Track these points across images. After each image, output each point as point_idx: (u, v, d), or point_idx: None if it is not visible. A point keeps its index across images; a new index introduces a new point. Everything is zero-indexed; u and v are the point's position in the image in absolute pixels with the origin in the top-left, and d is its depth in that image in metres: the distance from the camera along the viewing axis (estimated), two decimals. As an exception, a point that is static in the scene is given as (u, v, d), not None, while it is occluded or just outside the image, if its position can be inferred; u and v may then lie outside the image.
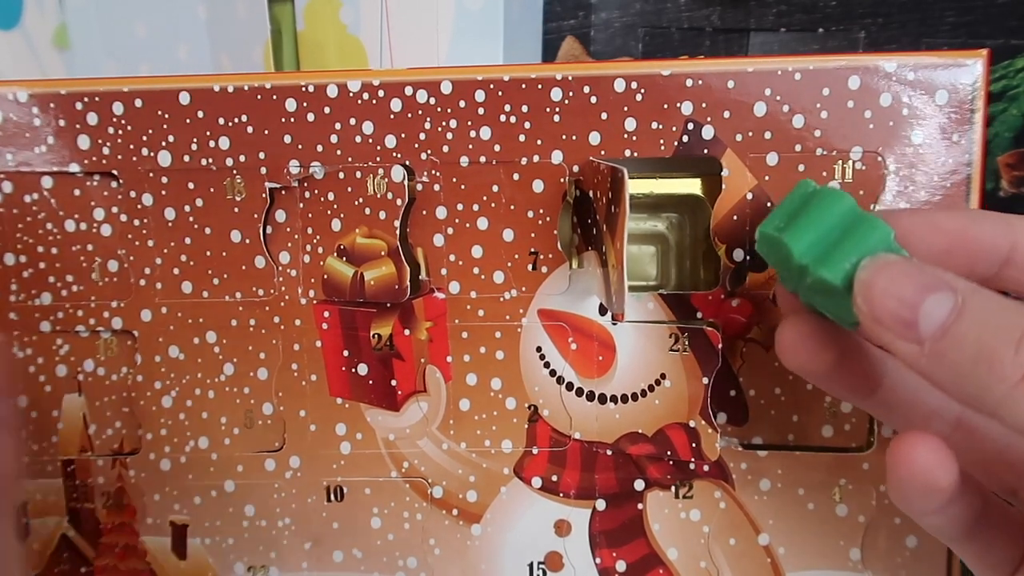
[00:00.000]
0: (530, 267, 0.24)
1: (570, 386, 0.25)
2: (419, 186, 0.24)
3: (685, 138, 0.23)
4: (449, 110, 0.23)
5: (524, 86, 0.23)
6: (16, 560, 0.24)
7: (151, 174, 0.24)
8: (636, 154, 0.23)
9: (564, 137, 0.23)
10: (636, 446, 0.25)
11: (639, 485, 0.25)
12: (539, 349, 0.25)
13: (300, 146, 0.24)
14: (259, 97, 0.24)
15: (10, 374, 0.25)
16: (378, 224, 0.24)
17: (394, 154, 0.24)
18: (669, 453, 0.25)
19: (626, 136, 0.23)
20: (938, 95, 0.23)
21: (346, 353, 0.25)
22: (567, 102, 0.23)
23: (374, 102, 0.24)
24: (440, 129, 0.24)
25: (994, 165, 0.33)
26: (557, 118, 0.23)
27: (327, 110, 0.24)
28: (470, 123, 0.24)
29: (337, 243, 0.24)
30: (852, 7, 0.33)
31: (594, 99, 0.23)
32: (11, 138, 0.24)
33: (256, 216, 0.24)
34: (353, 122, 0.24)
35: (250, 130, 0.24)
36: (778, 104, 0.23)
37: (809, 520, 0.25)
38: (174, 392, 0.25)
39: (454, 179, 0.24)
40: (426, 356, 0.25)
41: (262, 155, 0.24)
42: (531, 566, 0.25)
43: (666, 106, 0.23)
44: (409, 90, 0.23)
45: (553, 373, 0.25)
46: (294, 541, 0.26)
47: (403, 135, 0.24)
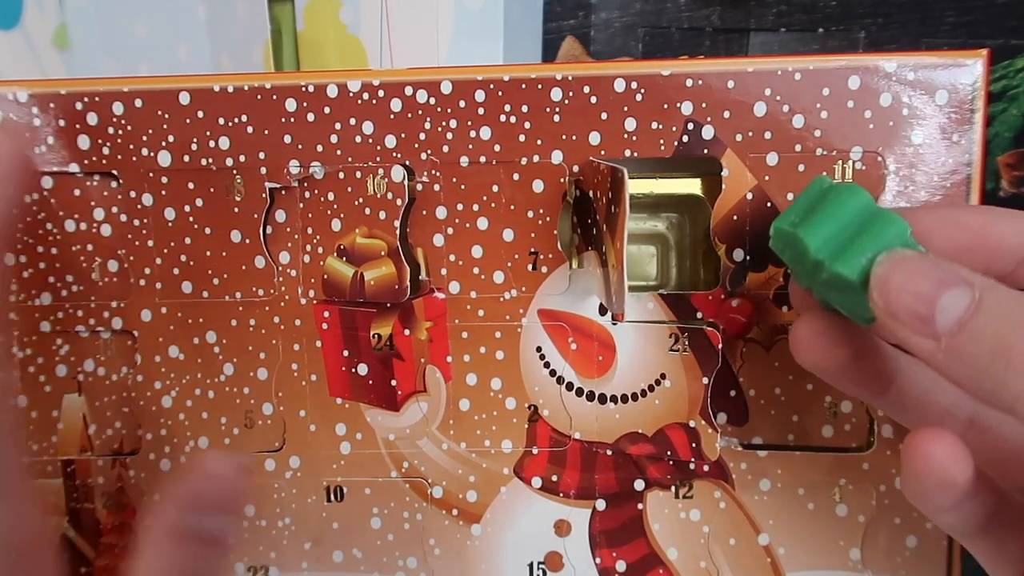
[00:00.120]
0: (530, 267, 0.24)
1: (570, 386, 0.25)
2: (419, 186, 0.24)
3: (685, 138, 0.23)
4: (449, 110, 0.23)
5: (524, 86, 0.23)
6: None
7: (151, 174, 0.24)
8: (636, 154, 0.23)
9: (564, 137, 0.23)
10: (636, 446, 0.25)
11: (639, 485, 0.25)
12: (539, 349, 0.25)
13: (300, 146, 0.24)
14: (259, 97, 0.24)
15: None
16: (378, 224, 0.24)
17: (394, 154, 0.24)
18: (669, 453, 0.25)
19: (626, 136, 0.23)
20: (938, 95, 0.23)
21: (346, 353, 0.25)
22: (567, 102, 0.23)
23: (374, 102, 0.24)
24: (440, 129, 0.24)
25: (994, 165, 0.33)
26: (557, 118, 0.23)
27: (327, 110, 0.24)
28: (470, 123, 0.24)
29: (337, 243, 0.24)
30: (852, 7, 0.33)
31: (594, 99, 0.23)
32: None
33: (256, 216, 0.24)
34: (353, 122, 0.24)
35: (250, 130, 0.24)
36: (778, 104, 0.23)
37: (809, 520, 0.25)
38: (174, 392, 0.25)
39: (454, 179, 0.24)
40: (426, 356, 0.25)
41: (262, 155, 0.24)
42: (531, 566, 0.25)
43: (666, 106, 0.23)
44: (409, 90, 0.23)
45: (553, 373, 0.25)
46: (294, 541, 0.26)
47: (403, 135, 0.24)
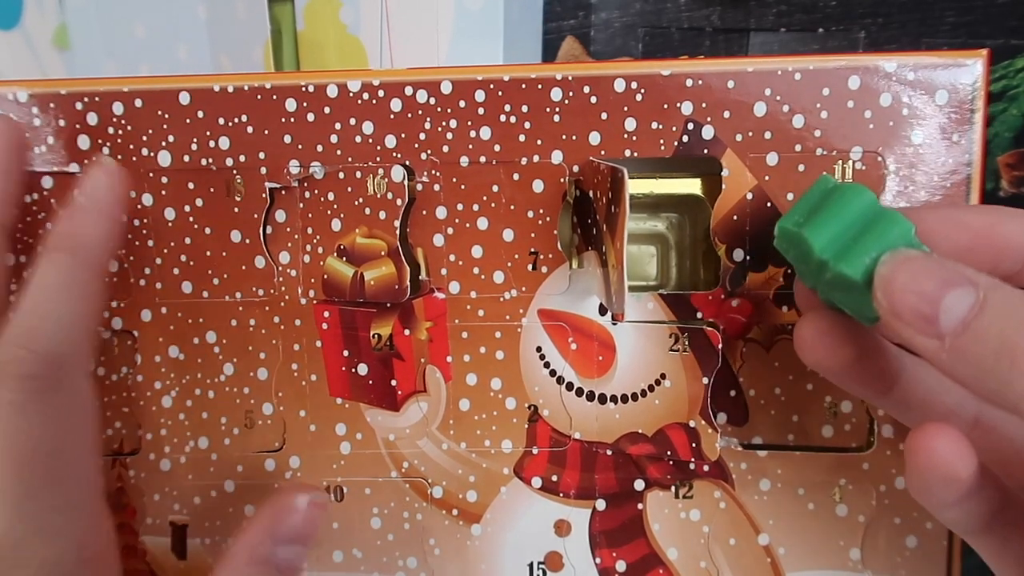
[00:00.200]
0: (530, 267, 0.24)
1: (570, 386, 0.25)
2: (419, 186, 0.24)
3: (685, 138, 0.23)
4: (449, 110, 0.23)
5: (524, 86, 0.23)
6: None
7: (151, 174, 0.24)
8: (636, 154, 0.23)
9: (564, 137, 0.23)
10: (636, 446, 0.25)
11: (639, 485, 0.25)
12: (539, 349, 0.25)
13: (300, 146, 0.24)
14: (259, 97, 0.24)
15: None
16: (378, 224, 0.24)
17: (394, 154, 0.24)
18: (669, 453, 0.25)
19: (626, 136, 0.23)
20: (938, 95, 0.23)
21: (346, 353, 0.25)
22: (567, 102, 0.23)
23: (374, 102, 0.24)
24: (440, 129, 0.24)
25: (994, 165, 0.33)
26: (557, 118, 0.23)
27: (327, 110, 0.24)
28: (470, 123, 0.24)
29: (337, 243, 0.24)
30: (852, 7, 0.33)
31: (594, 99, 0.23)
32: None
33: (256, 216, 0.24)
34: (353, 122, 0.24)
35: (250, 130, 0.24)
36: (778, 104, 0.23)
37: (809, 520, 0.25)
38: (174, 392, 0.25)
39: (454, 179, 0.24)
40: (426, 356, 0.25)
41: (262, 155, 0.24)
42: (531, 566, 0.25)
43: (666, 106, 0.23)
44: (409, 90, 0.23)
45: (553, 373, 0.25)
46: (294, 541, 0.26)
47: (403, 135, 0.24)
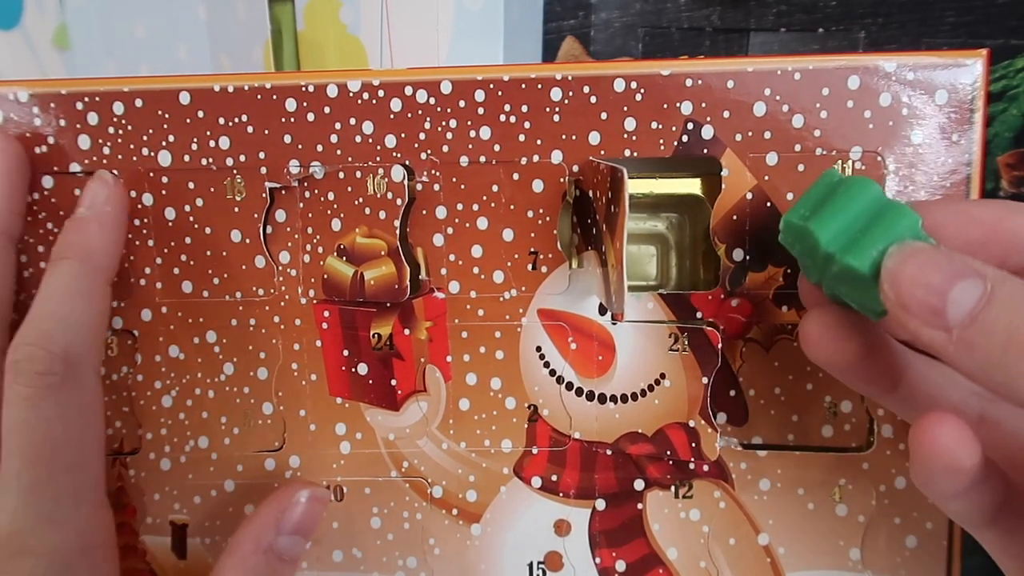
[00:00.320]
0: (530, 267, 0.24)
1: (570, 386, 0.25)
2: (419, 186, 0.24)
3: (685, 138, 0.23)
4: (449, 110, 0.23)
5: (524, 86, 0.23)
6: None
7: (151, 174, 0.24)
8: (636, 154, 0.23)
9: (564, 137, 0.23)
10: (636, 446, 0.25)
11: (639, 485, 0.25)
12: (539, 349, 0.25)
13: (300, 146, 0.24)
14: (259, 97, 0.24)
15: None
16: (378, 224, 0.24)
17: (394, 154, 0.24)
18: (669, 453, 0.25)
19: (626, 136, 0.23)
20: (938, 95, 0.23)
21: (346, 353, 0.25)
22: (567, 102, 0.23)
23: (374, 102, 0.24)
24: (440, 129, 0.24)
25: (994, 165, 0.33)
26: (557, 118, 0.23)
27: (327, 110, 0.24)
28: (470, 123, 0.24)
29: (337, 243, 0.24)
30: (852, 7, 0.33)
31: (594, 99, 0.23)
32: None
33: (256, 216, 0.24)
34: (353, 122, 0.24)
35: (250, 130, 0.24)
36: (778, 104, 0.23)
37: (809, 520, 0.25)
38: (174, 392, 0.25)
39: (454, 179, 0.24)
40: (426, 356, 0.25)
41: (262, 155, 0.24)
42: (531, 566, 0.25)
43: (666, 106, 0.23)
44: (409, 90, 0.23)
45: (553, 373, 0.25)
46: (294, 541, 0.26)
47: (403, 135, 0.24)
